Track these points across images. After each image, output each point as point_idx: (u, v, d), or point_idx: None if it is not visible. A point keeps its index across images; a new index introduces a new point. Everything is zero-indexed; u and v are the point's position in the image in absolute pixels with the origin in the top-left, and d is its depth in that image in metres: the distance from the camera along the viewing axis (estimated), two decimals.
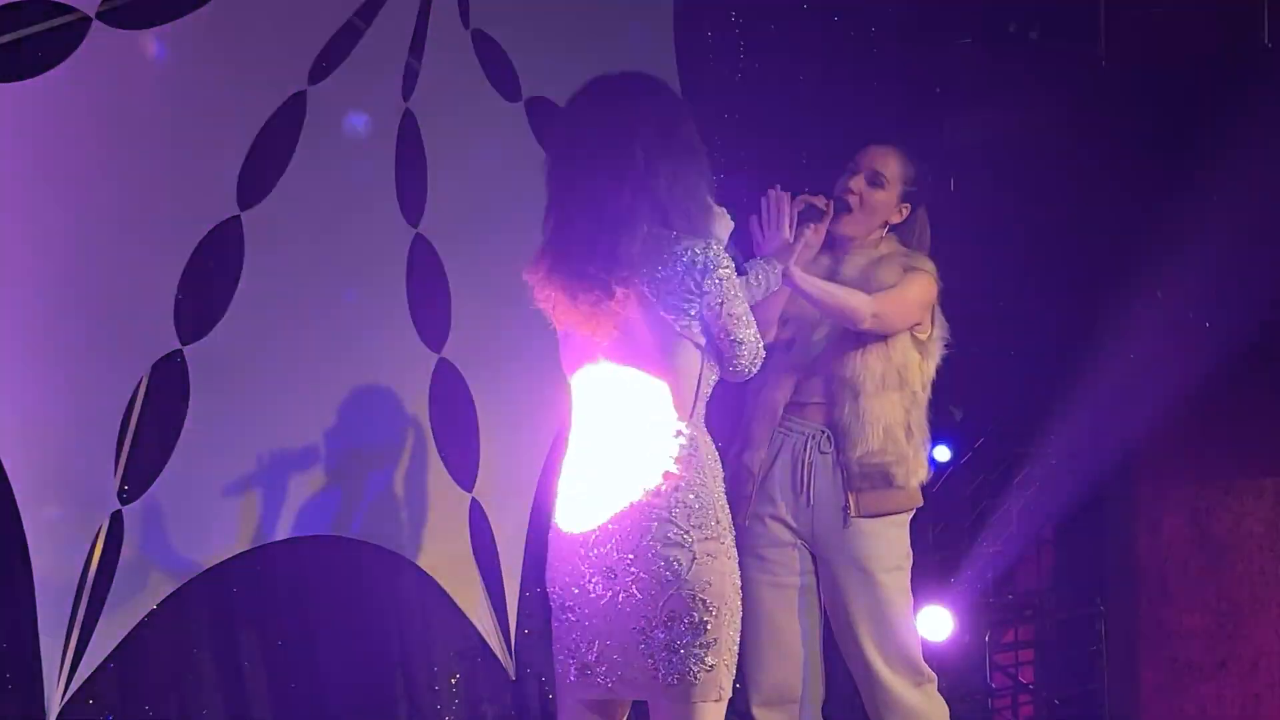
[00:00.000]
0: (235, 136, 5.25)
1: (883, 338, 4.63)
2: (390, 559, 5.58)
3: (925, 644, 5.08)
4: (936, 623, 6.60)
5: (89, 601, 4.97)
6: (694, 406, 3.78)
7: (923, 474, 4.73)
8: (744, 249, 4.32)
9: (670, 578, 3.68)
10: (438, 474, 5.68)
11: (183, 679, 5.23)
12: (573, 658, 3.83)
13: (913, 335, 4.69)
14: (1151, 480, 8.09)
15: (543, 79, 5.91)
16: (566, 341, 3.87)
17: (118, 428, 5.05)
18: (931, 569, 7.24)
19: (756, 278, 4.16)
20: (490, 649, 5.83)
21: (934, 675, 4.76)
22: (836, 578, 4.68)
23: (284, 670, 5.38)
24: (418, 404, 5.64)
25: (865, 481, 4.63)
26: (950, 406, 7.25)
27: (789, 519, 4.70)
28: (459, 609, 5.77)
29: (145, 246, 5.10)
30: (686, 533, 3.69)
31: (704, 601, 3.70)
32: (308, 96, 5.33)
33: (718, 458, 3.84)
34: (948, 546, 7.89)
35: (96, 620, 4.99)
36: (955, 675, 6.71)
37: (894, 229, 4.79)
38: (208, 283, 5.25)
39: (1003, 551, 8.36)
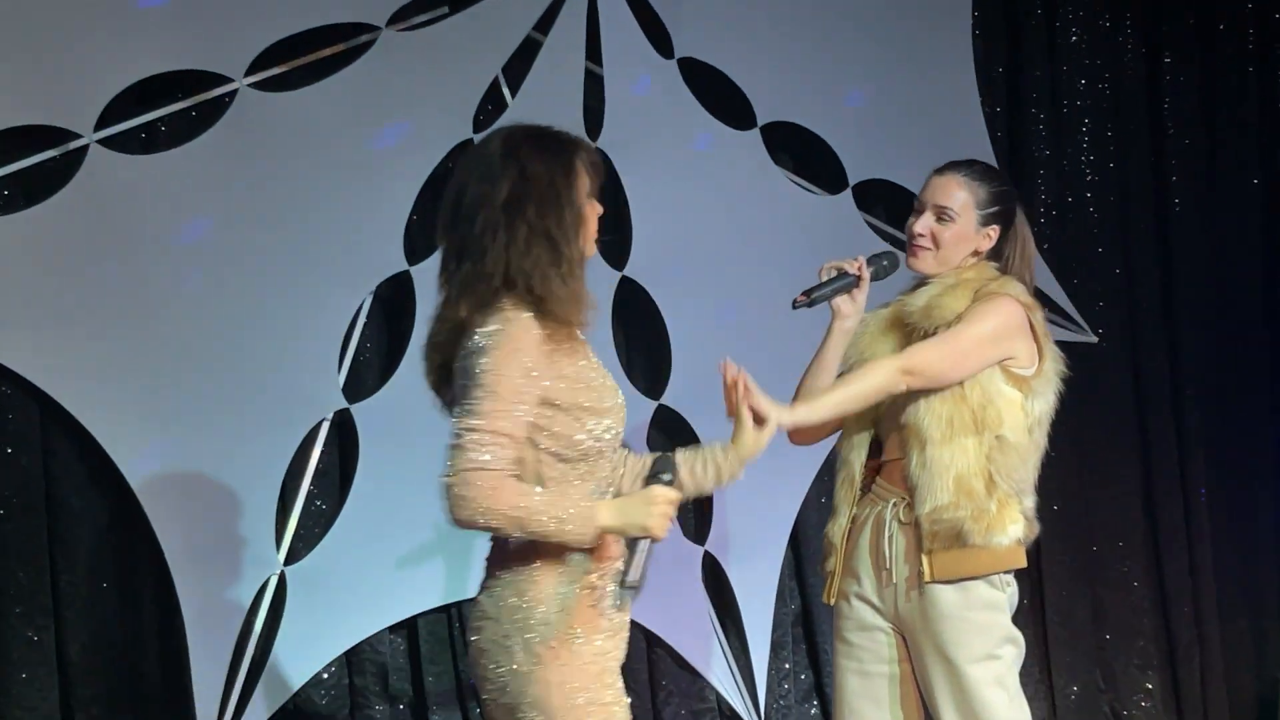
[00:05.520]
0: (403, 189, 5.15)
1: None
2: None
3: None
4: None
5: (249, 664, 4.98)
6: None
7: (1018, 532, 4.00)
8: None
9: (494, 685, 3.31)
10: None
11: None
12: None
13: (1005, 370, 3.99)
14: None
15: (778, 103, 5.56)
16: None
17: (279, 487, 5.05)
18: None
19: (704, 467, 3.58)
20: (732, 708, 5.48)
21: None
22: (923, 667, 4.05)
23: None
24: None
25: (935, 541, 3.96)
26: None
27: (873, 599, 4.10)
28: (692, 668, 5.45)
29: (313, 305, 5.07)
30: (509, 636, 3.29)
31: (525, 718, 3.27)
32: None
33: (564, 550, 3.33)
34: None
35: (256, 682, 4.99)
36: None
37: (989, 255, 4.11)
38: (376, 340, 5.19)
39: None
